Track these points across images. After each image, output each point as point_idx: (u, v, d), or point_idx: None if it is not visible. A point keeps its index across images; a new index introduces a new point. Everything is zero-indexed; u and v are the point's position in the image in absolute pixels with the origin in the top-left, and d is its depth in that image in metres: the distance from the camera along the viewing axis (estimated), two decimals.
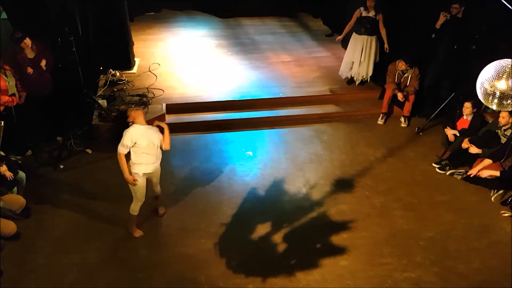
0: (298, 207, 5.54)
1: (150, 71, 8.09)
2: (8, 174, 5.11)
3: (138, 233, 5.09)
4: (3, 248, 4.74)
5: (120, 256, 4.80)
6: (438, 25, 6.70)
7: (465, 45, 6.57)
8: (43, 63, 6.06)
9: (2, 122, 4.57)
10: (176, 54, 8.82)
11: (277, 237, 5.08)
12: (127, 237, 5.03)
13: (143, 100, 7.18)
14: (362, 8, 7.31)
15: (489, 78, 3.40)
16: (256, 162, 6.32)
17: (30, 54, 5.99)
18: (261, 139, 6.85)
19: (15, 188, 5.29)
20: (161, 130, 4.83)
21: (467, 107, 6.18)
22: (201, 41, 9.53)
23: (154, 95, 7.41)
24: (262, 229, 5.19)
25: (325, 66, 8.55)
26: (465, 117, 6.30)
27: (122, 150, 4.61)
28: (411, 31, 7.21)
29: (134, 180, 4.69)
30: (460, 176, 6.08)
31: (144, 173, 4.75)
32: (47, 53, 6.14)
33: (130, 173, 4.70)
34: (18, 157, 5.95)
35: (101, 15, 7.28)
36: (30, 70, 5.91)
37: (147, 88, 7.55)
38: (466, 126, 6.27)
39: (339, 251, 4.93)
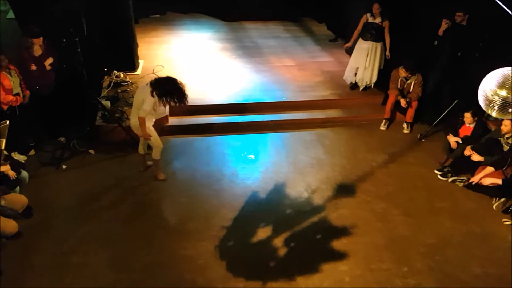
0: (299, 211, 5.55)
1: (154, 73, 8.10)
2: (11, 174, 5.14)
3: (161, 176, 5.91)
4: (4, 247, 4.75)
5: (120, 257, 4.81)
6: (440, 32, 6.72)
7: (468, 53, 6.58)
8: (49, 61, 6.11)
9: (8, 121, 4.60)
10: (180, 57, 8.84)
11: (278, 241, 5.09)
12: (127, 239, 5.04)
13: None
14: (368, 14, 7.32)
15: (491, 86, 3.42)
16: (257, 166, 6.33)
17: (37, 52, 6.04)
18: (263, 143, 6.86)
19: (18, 187, 5.32)
20: None
21: (467, 117, 6.19)
22: (205, 44, 9.55)
23: None
24: (262, 233, 5.20)
25: (328, 70, 8.56)
26: (467, 124, 6.30)
27: None
28: (413, 37, 7.23)
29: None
30: (462, 184, 6.07)
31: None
32: (53, 52, 6.19)
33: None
34: (22, 157, 5.99)
35: (107, 16, 7.32)
36: (33, 67, 5.95)
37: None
38: (468, 133, 6.27)
39: (339, 256, 4.93)
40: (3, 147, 4.42)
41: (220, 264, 4.78)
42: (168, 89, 5.23)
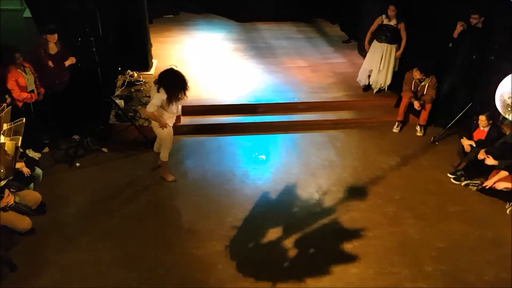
0: (310, 213, 5.54)
1: None
2: (26, 170, 5.22)
3: (170, 177, 5.90)
4: (18, 243, 4.82)
5: (130, 256, 4.85)
6: (455, 34, 6.66)
7: (483, 55, 6.51)
8: (70, 62, 6.19)
9: (24, 119, 4.67)
10: (193, 57, 8.89)
11: (288, 242, 5.09)
12: (138, 237, 5.08)
13: None
14: (384, 16, 7.29)
15: (508, 89, 3.39)
16: (268, 166, 6.34)
17: (52, 50, 6.12)
18: (275, 144, 6.86)
19: (32, 184, 5.39)
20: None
21: (482, 120, 6.12)
22: (217, 44, 9.59)
23: None
24: (273, 234, 5.20)
25: (341, 72, 8.53)
26: (482, 127, 6.22)
27: None
28: (428, 39, 7.18)
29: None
30: (475, 188, 6.01)
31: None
32: (69, 52, 6.27)
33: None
34: (36, 154, 6.07)
35: (121, 16, 7.39)
36: (50, 64, 6.02)
37: None
38: (482, 137, 6.20)
39: (349, 258, 4.91)
40: (19, 144, 4.48)
41: (230, 264, 4.80)
42: (169, 78, 5.14)
